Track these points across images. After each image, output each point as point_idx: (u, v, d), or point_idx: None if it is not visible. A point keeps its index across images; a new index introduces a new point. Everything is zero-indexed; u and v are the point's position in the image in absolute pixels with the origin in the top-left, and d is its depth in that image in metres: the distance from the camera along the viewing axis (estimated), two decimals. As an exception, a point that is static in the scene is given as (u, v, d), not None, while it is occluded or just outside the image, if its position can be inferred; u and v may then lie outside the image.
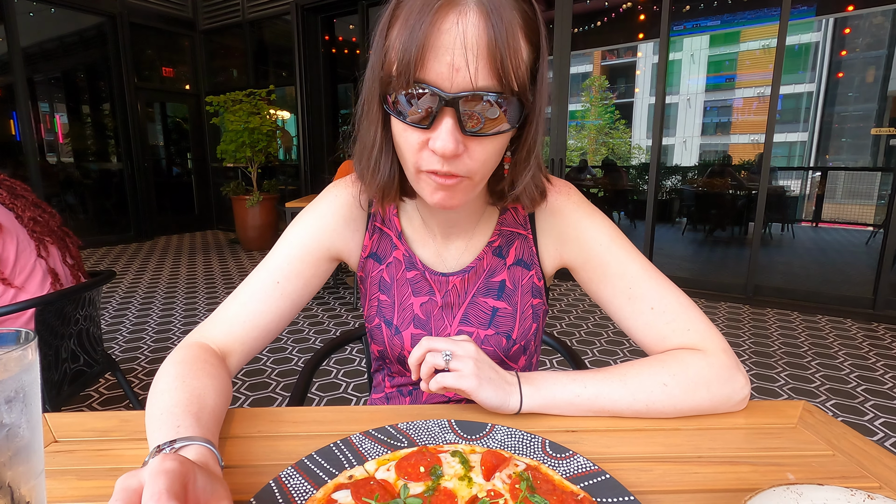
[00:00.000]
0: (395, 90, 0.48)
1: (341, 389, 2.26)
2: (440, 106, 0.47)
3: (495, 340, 0.67)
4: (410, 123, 0.49)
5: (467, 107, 0.47)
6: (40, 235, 1.32)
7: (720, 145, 21.43)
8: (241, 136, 5.29)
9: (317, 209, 0.68)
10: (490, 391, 0.53)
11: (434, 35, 0.45)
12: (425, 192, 0.54)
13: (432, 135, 0.49)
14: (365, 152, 0.58)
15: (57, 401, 1.34)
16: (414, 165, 0.52)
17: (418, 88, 0.47)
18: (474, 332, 0.68)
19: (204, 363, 0.55)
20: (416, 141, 0.50)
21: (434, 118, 0.48)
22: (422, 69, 0.46)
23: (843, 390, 2.25)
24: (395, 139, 0.54)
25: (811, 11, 6.12)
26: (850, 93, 16.31)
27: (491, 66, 0.46)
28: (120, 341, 2.84)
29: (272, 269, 0.65)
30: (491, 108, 0.48)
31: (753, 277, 3.62)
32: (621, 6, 6.27)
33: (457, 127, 0.48)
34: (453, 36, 0.45)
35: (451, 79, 0.46)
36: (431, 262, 0.69)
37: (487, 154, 0.52)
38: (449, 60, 0.46)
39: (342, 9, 5.61)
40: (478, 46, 0.46)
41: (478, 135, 0.49)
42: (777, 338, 2.93)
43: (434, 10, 0.45)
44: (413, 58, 0.46)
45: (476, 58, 0.46)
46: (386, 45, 0.50)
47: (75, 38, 6.09)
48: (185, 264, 4.93)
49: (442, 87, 0.47)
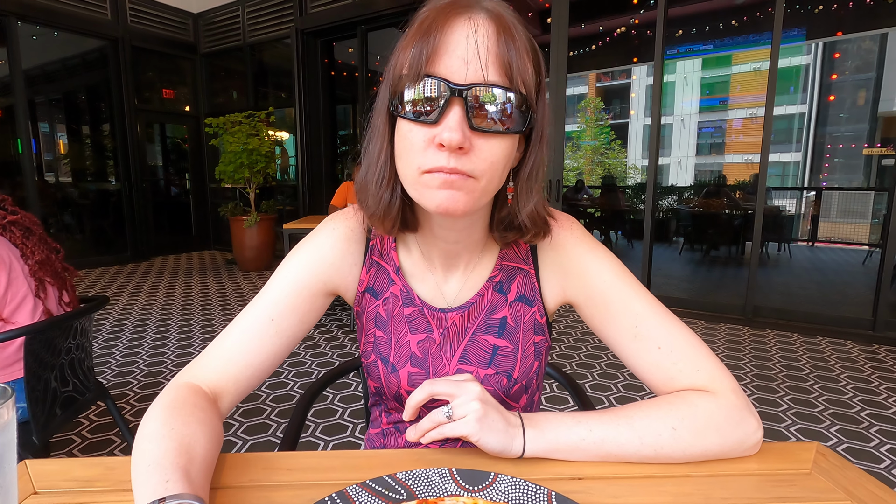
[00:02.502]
0: (404, 87, 0.49)
1: (337, 416, 2.21)
2: (449, 96, 0.47)
3: (496, 380, 0.65)
4: (416, 118, 0.49)
5: (476, 100, 0.48)
6: (41, 276, 1.31)
7: (714, 165, 21.68)
8: (239, 157, 5.32)
9: (313, 242, 0.67)
10: (493, 437, 0.51)
11: (446, 33, 0.48)
12: (427, 196, 0.51)
13: (438, 128, 0.48)
14: (371, 166, 0.57)
15: (46, 432, 1.30)
16: (416, 166, 0.50)
17: (427, 81, 0.48)
18: (474, 370, 0.66)
19: (193, 407, 0.53)
20: (421, 139, 0.50)
21: (442, 111, 0.48)
22: (432, 64, 0.48)
23: (848, 415, 2.22)
24: (397, 148, 0.53)
25: (801, 36, 6.26)
26: (841, 114, 16.60)
27: (500, 64, 0.48)
28: (112, 365, 2.79)
29: (266, 304, 0.63)
30: (499, 104, 0.49)
31: (752, 298, 3.61)
32: (616, 30, 6.40)
33: (464, 120, 0.48)
34: (465, 34, 0.48)
35: (461, 73, 0.48)
36: (430, 297, 0.67)
37: (494, 155, 0.51)
38: (459, 55, 0.48)
39: (342, 33, 5.71)
40: (488, 44, 0.48)
41: (486, 132, 0.49)
42: (778, 360, 2.90)
43: (446, 14, 0.49)
44: (424, 54, 0.48)
45: (487, 54, 0.48)
46: (397, 59, 0.52)
47: (77, 61, 6.16)
48: (181, 285, 4.89)
49: (451, 79, 0.48)
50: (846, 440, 2.01)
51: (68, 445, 1.96)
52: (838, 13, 5.62)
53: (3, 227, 1.28)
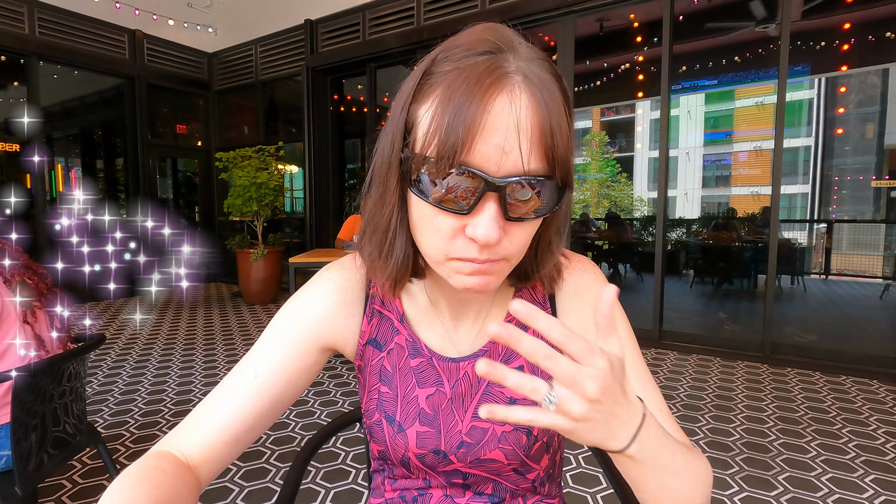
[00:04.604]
0: (430, 171, 0.43)
1: (339, 460, 2.11)
2: (485, 191, 0.43)
3: (514, 438, 0.58)
4: (446, 209, 0.44)
5: (513, 192, 0.43)
6: (28, 301, 1.26)
7: (721, 197, 21.71)
8: (248, 191, 5.37)
9: (306, 294, 0.61)
10: (596, 435, 0.38)
11: (484, 116, 0.41)
12: (456, 279, 0.48)
13: (472, 221, 0.44)
14: (377, 235, 0.53)
15: (32, 481, 1.22)
16: (443, 252, 0.47)
17: (461, 171, 0.42)
18: (490, 427, 0.59)
19: (157, 481, 0.46)
20: (449, 227, 0.45)
21: (475, 204, 0.43)
22: (468, 152, 0.42)
23: (882, 463, 2.08)
24: (415, 222, 0.49)
25: (805, 71, 6.33)
26: (847, 146, 16.67)
27: (543, 149, 0.43)
28: (110, 403, 2.71)
29: (252, 363, 0.57)
30: (536, 193, 0.44)
31: (770, 334, 3.49)
32: (620, 66, 6.51)
33: (500, 213, 0.44)
34: (506, 118, 0.42)
35: (499, 162, 0.42)
36: (439, 346, 0.61)
37: (527, 237, 0.48)
38: (498, 143, 0.42)
39: (351, 70, 5.85)
40: (531, 129, 0.42)
41: (521, 220, 0.45)
42: (802, 401, 2.77)
43: (484, 89, 0.41)
44: (460, 139, 0.41)
45: (529, 141, 0.42)
46: (411, 120, 0.46)
47: (95, 98, 6.35)
48: (185, 319, 4.84)
49: (488, 171, 0.42)
50: (883, 492, 1.87)
51: (58, 491, 1.87)
52: (841, 49, 5.69)
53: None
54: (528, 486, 0.63)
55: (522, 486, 0.63)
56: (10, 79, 5.46)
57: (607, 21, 4.84)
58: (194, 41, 6.74)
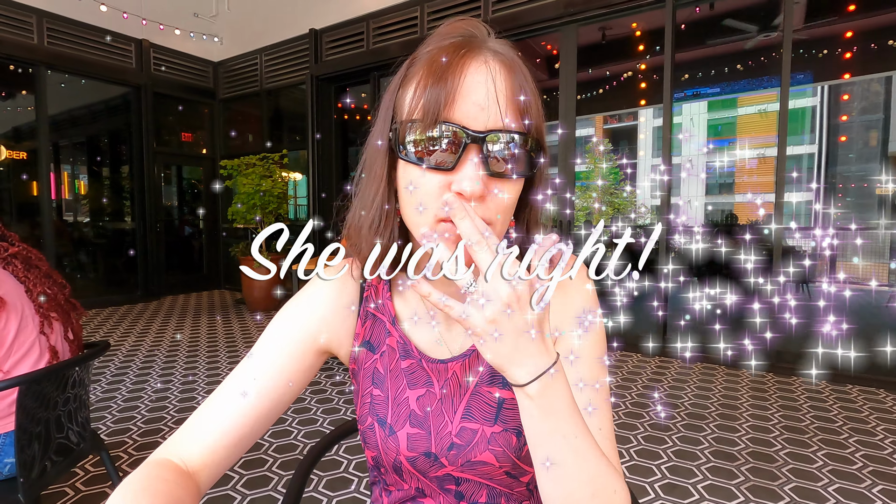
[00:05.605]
0: (416, 133, 0.47)
1: (342, 468, 2.10)
2: (466, 143, 0.46)
3: (504, 439, 0.57)
4: (431, 166, 0.47)
5: (493, 147, 0.47)
6: (46, 311, 1.27)
7: (725, 205, 21.65)
8: (252, 199, 5.40)
9: (302, 297, 0.63)
10: (502, 348, 0.41)
11: (463, 78, 0.47)
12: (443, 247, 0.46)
13: (456, 176, 0.47)
14: (364, 215, 0.54)
15: (35, 488, 1.22)
16: (432, 215, 0.48)
17: (443, 128, 0.46)
18: (479, 428, 0.58)
19: (158, 490, 0.46)
20: (436, 185, 0.48)
21: (458, 158, 0.46)
22: (448, 110, 0.47)
23: (890, 474, 2.06)
24: (403, 194, 0.50)
25: (808, 79, 6.34)
26: (850, 154, 16.63)
27: (517, 108, 0.49)
28: (113, 410, 2.71)
29: (249, 366, 0.58)
30: (516, 150, 0.48)
31: (775, 342, 3.47)
32: (622, 75, 6.54)
33: (482, 166, 0.47)
34: (481, 78, 0.47)
35: (478, 118, 0.47)
36: (429, 348, 0.61)
37: (509, 199, 0.50)
38: (476, 100, 0.47)
39: (355, 79, 5.89)
40: (506, 90, 0.48)
41: (502, 176, 0.48)
42: (808, 410, 2.74)
43: (461, 57, 0.48)
44: (442, 98, 0.46)
45: (505, 99, 0.48)
46: (399, 99, 0.51)
47: (101, 107, 6.41)
48: (188, 326, 4.85)
49: (469, 125, 0.47)
50: (892, 502, 1.85)
51: (61, 499, 1.87)
52: (843, 57, 5.70)
53: (5, 260, 1.25)
54: (524, 491, 0.61)
55: (517, 490, 0.61)
56: (19, 87, 5.53)
57: (610, 30, 4.88)
58: (200, 50, 6.82)
